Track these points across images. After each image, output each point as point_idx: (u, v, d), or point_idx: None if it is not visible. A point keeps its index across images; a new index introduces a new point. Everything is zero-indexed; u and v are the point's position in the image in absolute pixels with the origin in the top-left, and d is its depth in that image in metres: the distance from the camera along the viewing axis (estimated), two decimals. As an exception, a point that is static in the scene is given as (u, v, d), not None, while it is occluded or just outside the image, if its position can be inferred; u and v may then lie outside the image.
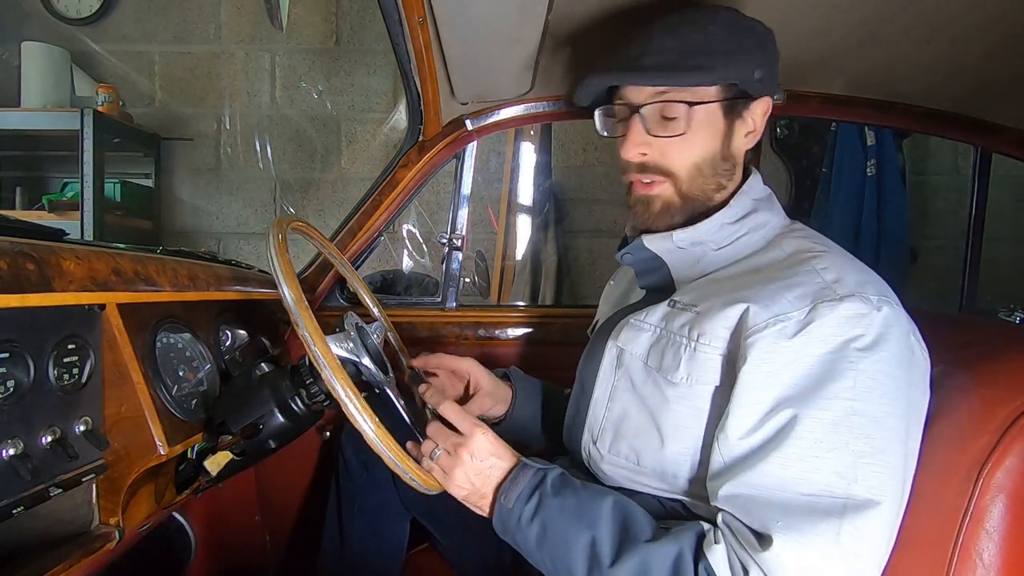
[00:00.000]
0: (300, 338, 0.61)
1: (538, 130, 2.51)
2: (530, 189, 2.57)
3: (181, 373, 0.79)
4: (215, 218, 2.80)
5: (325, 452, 1.31)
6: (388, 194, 1.27)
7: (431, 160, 1.26)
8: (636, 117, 0.71)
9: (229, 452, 0.73)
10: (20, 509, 0.53)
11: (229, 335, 0.95)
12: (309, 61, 2.73)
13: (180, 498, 0.78)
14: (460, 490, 0.68)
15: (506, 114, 1.25)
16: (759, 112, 0.72)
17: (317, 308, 1.31)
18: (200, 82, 2.73)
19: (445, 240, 1.33)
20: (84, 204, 2.26)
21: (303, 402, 0.76)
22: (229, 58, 2.73)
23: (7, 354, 0.53)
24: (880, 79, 1.13)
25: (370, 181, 1.33)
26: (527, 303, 2.52)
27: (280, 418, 0.75)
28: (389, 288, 1.70)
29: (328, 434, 1.29)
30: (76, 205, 2.27)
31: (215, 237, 2.81)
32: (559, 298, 2.58)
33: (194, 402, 0.78)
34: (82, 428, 0.60)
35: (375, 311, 0.96)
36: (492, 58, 0.97)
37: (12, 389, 0.53)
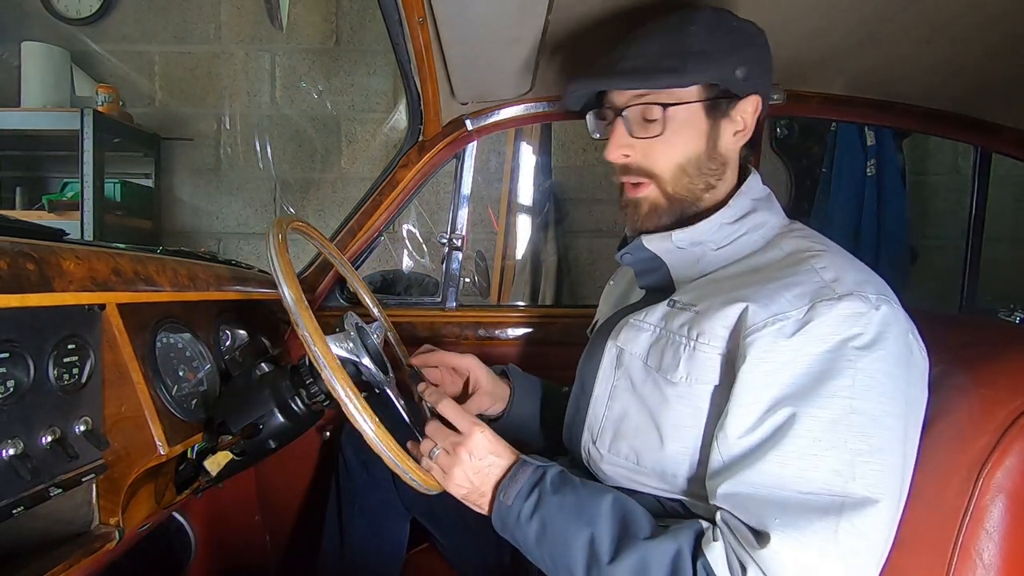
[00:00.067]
0: (300, 338, 0.61)
1: (538, 130, 2.50)
2: (530, 189, 2.56)
3: (181, 373, 0.79)
4: (215, 218, 2.80)
5: (325, 452, 1.31)
6: (388, 194, 1.27)
7: (431, 160, 1.26)
8: (619, 120, 0.73)
9: (229, 452, 0.73)
10: (20, 509, 0.53)
11: (229, 335, 0.95)
12: (309, 61, 2.73)
13: (180, 498, 0.78)
14: (459, 489, 0.68)
15: (506, 114, 1.25)
16: (749, 110, 0.72)
17: (317, 308, 1.31)
18: (200, 82, 2.73)
19: (445, 240, 1.33)
20: (84, 204, 2.26)
21: (303, 402, 0.76)
22: (229, 58, 2.73)
23: (7, 354, 0.53)
24: (880, 79, 1.13)
25: (370, 181, 1.33)
26: (527, 303, 2.51)
27: (280, 418, 0.75)
28: (389, 288, 1.70)
29: (328, 434, 1.29)
30: (76, 205, 2.27)
31: (215, 237, 2.81)
32: (559, 298, 2.58)
33: (194, 402, 0.78)
34: (82, 428, 0.60)
35: (375, 311, 0.96)
36: (492, 58, 0.97)
37: (12, 389, 0.53)
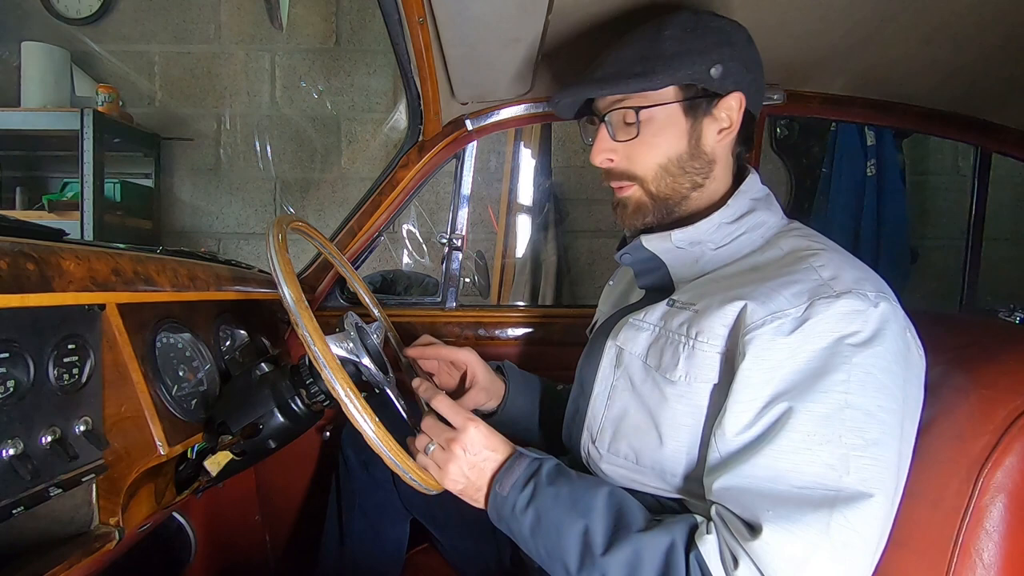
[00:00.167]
0: (300, 338, 0.61)
1: (538, 130, 2.50)
2: (530, 189, 2.57)
3: (181, 373, 0.79)
4: (215, 218, 2.80)
5: (325, 452, 1.31)
6: (388, 194, 1.27)
7: (431, 160, 1.26)
8: (602, 125, 0.75)
9: (229, 452, 0.73)
10: (20, 509, 0.52)
11: (229, 335, 0.95)
12: (309, 61, 2.73)
13: (180, 498, 0.77)
14: (455, 484, 0.68)
15: (506, 114, 1.25)
16: (733, 107, 0.72)
17: (317, 308, 1.31)
18: (200, 82, 2.73)
19: (445, 240, 1.33)
20: (84, 204, 2.26)
21: (303, 402, 0.76)
22: (229, 58, 2.73)
23: (7, 354, 0.53)
24: (880, 79, 1.13)
25: (370, 181, 1.33)
26: (527, 303, 2.51)
27: (280, 418, 0.75)
28: (389, 288, 1.70)
29: (328, 434, 1.29)
30: (76, 205, 2.28)
31: (215, 237, 2.81)
32: (559, 298, 2.58)
33: (194, 402, 0.78)
34: (82, 428, 0.60)
35: (375, 311, 0.96)
36: (492, 58, 0.97)
37: (12, 389, 0.53)
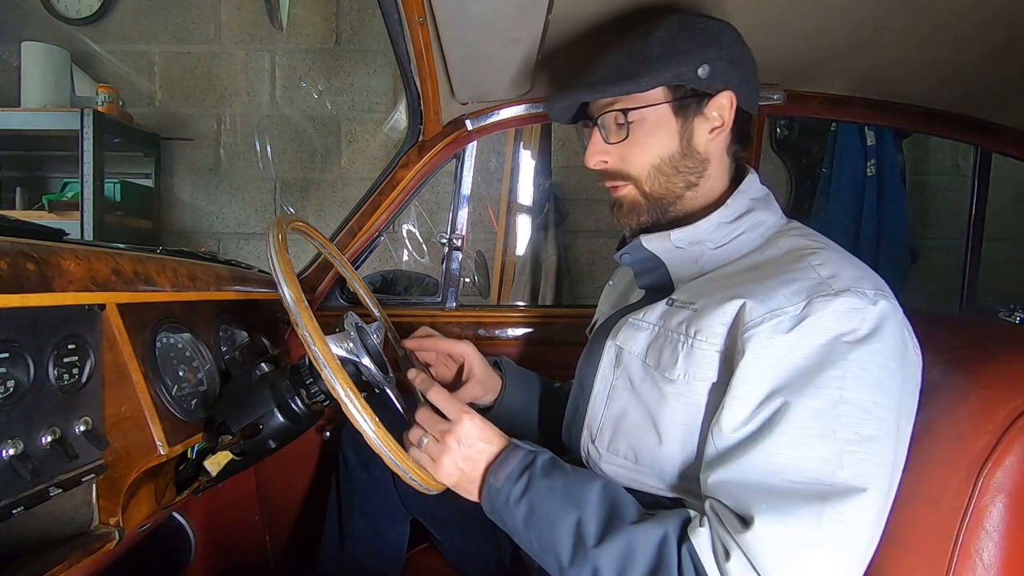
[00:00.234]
0: (300, 338, 0.61)
1: (538, 130, 2.50)
2: (530, 189, 2.57)
3: (181, 373, 0.79)
4: (215, 218, 2.80)
5: (325, 452, 1.31)
6: (388, 194, 1.27)
7: (431, 160, 1.26)
8: (595, 128, 0.76)
9: (229, 452, 0.73)
10: (20, 509, 0.52)
11: (229, 335, 0.95)
12: (309, 61, 2.73)
13: (180, 498, 0.77)
14: (449, 477, 0.67)
15: (506, 114, 1.25)
16: (724, 106, 0.72)
17: (317, 308, 1.31)
18: (200, 82, 2.73)
19: (445, 240, 1.33)
20: (84, 204, 2.26)
21: (303, 402, 0.76)
22: (229, 58, 2.73)
23: (7, 354, 0.53)
24: (880, 79, 1.13)
25: (370, 181, 1.33)
26: (527, 303, 2.51)
27: (280, 418, 0.75)
28: (389, 288, 1.70)
29: (328, 434, 1.29)
30: (76, 205, 2.28)
31: (215, 237, 2.81)
32: (559, 298, 2.58)
33: (194, 402, 0.78)
34: (82, 428, 0.60)
35: (375, 311, 0.96)
36: (492, 58, 0.97)
37: (12, 389, 0.53)
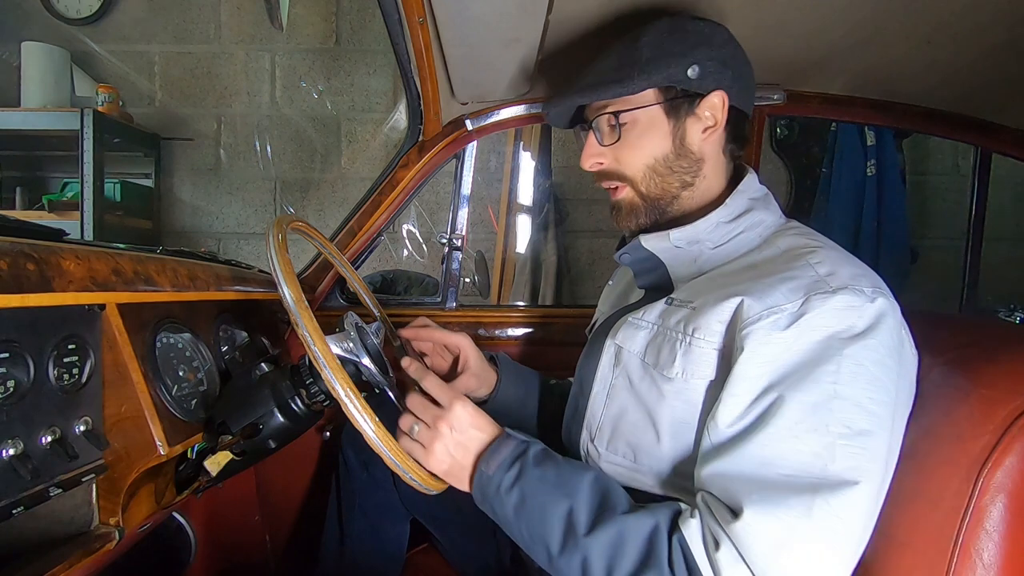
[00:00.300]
0: (300, 338, 0.61)
1: (538, 130, 2.50)
2: (530, 189, 2.57)
3: (181, 373, 0.79)
4: (215, 218, 2.80)
5: (325, 452, 1.31)
6: (388, 194, 1.27)
7: (431, 160, 1.26)
8: (591, 131, 0.77)
9: (229, 452, 0.73)
10: (20, 509, 0.52)
11: (229, 335, 0.95)
12: (309, 61, 2.73)
13: (180, 498, 0.77)
14: (440, 464, 0.67)
15: (506, 114, 1.25)
16: (717, 105, 0.72)
17: (317, 308, 1.31)
18: (200, 82, 2.73)
19: (445, 240, 1.33)
20: (84, 204, 2.26)
21: (303, 402, 0.76)
22: (229, 58, 2.73)
23: (7, 354, 0.53)
24: (880, 79, 1.13)
25: (370, 181, 1.33)
26: (527, 303, 2.51)
27: (280, 418, 0.75)
28: (389, 288, 1.70)
29: (328, 434, 1.29)
30: (76, 205, 2.28)
31: (215, 237, 2.81)
32: (559, 298, 2.58)
33: (194, 402, 0.78)
34: (82, 428, 0.60)
35: (375, 311, 0.96)
36: (492, 58, 0.97)
37: (12, 389, 0.53)
